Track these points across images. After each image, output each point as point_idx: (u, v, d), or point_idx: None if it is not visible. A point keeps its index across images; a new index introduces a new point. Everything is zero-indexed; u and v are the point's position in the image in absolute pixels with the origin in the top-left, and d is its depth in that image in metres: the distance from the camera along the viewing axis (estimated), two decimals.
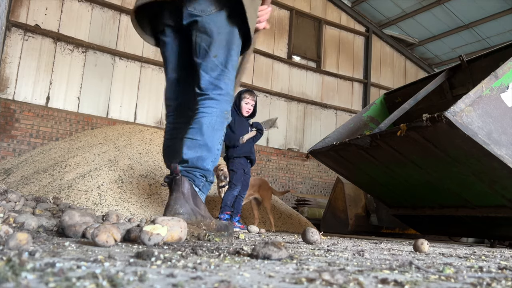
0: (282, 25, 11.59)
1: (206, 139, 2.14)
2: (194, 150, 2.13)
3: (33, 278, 0.69)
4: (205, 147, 2.14)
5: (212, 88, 2.18)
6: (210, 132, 2.15)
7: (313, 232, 2.17)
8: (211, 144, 2.16)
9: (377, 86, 12.74)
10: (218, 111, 2.18)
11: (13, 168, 6.22)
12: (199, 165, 2.13)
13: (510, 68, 3.33)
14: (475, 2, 10.77)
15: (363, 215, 6.51)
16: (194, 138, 2.14)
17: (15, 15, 8.27)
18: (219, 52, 2.19)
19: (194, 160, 2.12)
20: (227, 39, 2.21)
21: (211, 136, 2.15)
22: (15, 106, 8.10)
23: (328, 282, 0.82)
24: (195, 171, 2.13)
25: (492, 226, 4.13)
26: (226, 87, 2.21)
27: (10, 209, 2.74)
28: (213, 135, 2.16)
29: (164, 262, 1.00)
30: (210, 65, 2.18)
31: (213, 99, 2.18)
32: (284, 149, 11.14)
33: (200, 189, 2.16)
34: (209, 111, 2.16)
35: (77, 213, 1.67)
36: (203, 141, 2.14)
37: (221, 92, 2.19)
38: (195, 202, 2.10)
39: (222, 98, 2.19)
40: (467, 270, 1.24)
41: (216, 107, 2.17)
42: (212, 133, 2.15)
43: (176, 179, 2.10)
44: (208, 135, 2.14)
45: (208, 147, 2.15)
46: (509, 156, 3.22)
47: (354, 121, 5.19)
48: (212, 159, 2.17)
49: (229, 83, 2.23)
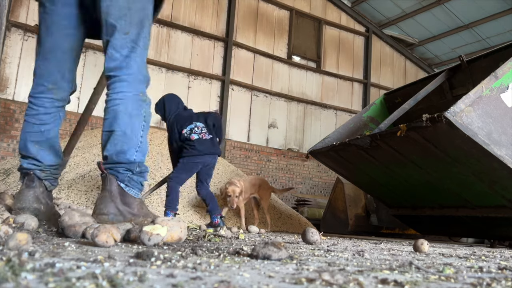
0: (282, 25, 11.60)
1: (125, 128, 1.96)
2: (113, 144, 1.96)
3: (33, 278, 0.69)
4: (124, 138, 1.96)
5: (121, 68, 1.99)
6: (128, 120, 1.96)
7: (313, 232, 2.17)
8: (130, 133, 1.97)
9: (377, 86, 12.74)
10: (132, 95, 1.99)
11: (13, 168, 6.22)
12: (121, 159, 1.96)
13: (510, 69, 3.33)
14: (475, 2, 10.77)
15: (363, 215, 6.51)
16: (111, 130, 1.96)
17: (15, 15, 8.27)
18: (130, 29, 2.00)
19: (113, 156, 1.96)
20: (140, 16, 2.03)
21: (129, 124, 1.97)
22: (15, 106, 8.10)
23: (328, 282, 0.82)
24: (117, 167, 1.97)
25: (492, 226, 4.13)
26: (138, 67, 2.02)
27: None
28: (131, 123, 1.98)
29: (164, 262, 1.00)
30: (120, 42, 1.98)
31: (124, 81, 1.98)
32: (284, 149, 11.14)
33: (126, 184, 1.99)
34: (122, 96, 1.97)
35: (77, 213, 1.67)
36: (121, 131, 1.96)
37: (132, 71, 2.00)
38: (124, 200, 1.96)
39: (134, 79, 2.01)
40: (467, 270, 1.24)
41: (129, 90, 1.98)
42: (130, 120, 1.97)
43: (102, 177, 1.99)
44: (126, 124, 1.96)
45: (128, 137, 1.97)
46: (509, 156, 3.22)
47: (354, 121, 5.19)
48: (135, 148, 1.99)
49: (141, 63, 2.04)
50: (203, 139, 4.25)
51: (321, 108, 11.87)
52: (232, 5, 10.76)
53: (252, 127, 10.72)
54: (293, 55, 11.64)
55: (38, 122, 2.20)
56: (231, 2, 10.77)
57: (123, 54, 1.99)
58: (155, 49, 9.73)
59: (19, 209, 2.06)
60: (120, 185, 1.97)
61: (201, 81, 10.24)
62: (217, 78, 10.41)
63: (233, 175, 6.93)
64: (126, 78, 1.99)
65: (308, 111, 11.69)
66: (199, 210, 5.41)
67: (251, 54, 11.03)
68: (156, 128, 8.44)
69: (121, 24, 1.98)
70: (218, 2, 10.72)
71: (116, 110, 1.96)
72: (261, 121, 10.85)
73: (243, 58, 10.89)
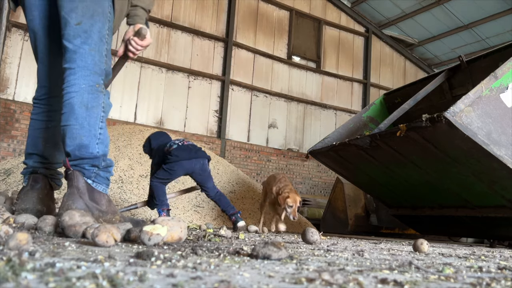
0: (282, 26, 11.60)
1: (82, 121, 1.91)
2: (72, 138, 1.92)
3: (33, 278, 0.69)
4: (82, 130, 1.91)
5: (75, 59, 1.95)
6: (84, 112, 1.92)
7: (313, 232, 2.17)
8: (88, 126, 1.93)
9: (376, 87, 12.75)
10: (87, 87, 1.94)
11: (13, 168, 6.22)
12: (83, 154, 1.92)
13: (509, 69, 3.33)
14: (475, 3, 10.78)
15: (363, 215, 6.51)
16: (68, 124, 1.92)
17: (15, 15, 8.27)
18: (83, 20, 1.96)
19: (75, 151, 1.92)
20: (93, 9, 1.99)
21: (86, 117, 1.92)
22: (15, 106, 8.10)
23: (328, 282, 0.82)
24: (82, 163, 1.93)
25: (492, 226, 4.13)
26: (92, 58, 1.97)
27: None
28: (89, 115, 1.93)
29: (164, 262, 1.00)
30: (72, 32, 1.95)
31: (78, 73, 1.94)
32: (284, 149, 11.14)
33: (93, 180, 1.95)
34: (76, 89, 1.92)
35: (77, 213, 1.67)
36: (78, 125, 1.91)
37: (85, 63, 1.95)
38: (92, 196, 1.93)
39: (89, 71, 1.95)
40: (467, 270, 1.24)
41: (83, 82, 1.93)
42: (87, 113, 1.92)
43: (68, 174, 1.94)
44: (83, 117, 1.91)
45: (86, 130, 1.92)
46: (509, 156, 3.22)
47: (354, 121, 5.19)
48: (95, 141, 1.94)
49: (98, 56, 1.99)
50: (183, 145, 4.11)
51: (321, 108, 11.88)
52: (232, 5, 10.76)
53: (252, 127, 10.73)
54: (293, 55, 11.64)
55: (45, 118, 2.22)
56: (231, 2, 10.77)
57: (76, 44, 1.95)
58: (155, 49, 9.74)
59: (23, 210, 2.06)
60: (87, 181, 1.94)
61: (201, 81, 10.24)
62: (217, 78, 10.41)
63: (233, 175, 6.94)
64: (79, 71, 1.95)
65: (308, 111, 11.69)
66: (199, 210, 5.41)
67: (251, 54, 11.04)
68: (156, 128, 8.44)
69: (71, 17, 1.95)
70: (218, 2, 10.72)
71: (72, 103, 1.92)
72: (261, 121, 10.86)
73: (243, 58, 10.89)
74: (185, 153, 4.06)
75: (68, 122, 1.92)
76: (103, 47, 2.03)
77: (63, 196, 1.95)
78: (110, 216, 1.93)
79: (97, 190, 1.97)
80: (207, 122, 10.11)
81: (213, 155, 7.95)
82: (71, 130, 1.91)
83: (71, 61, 1.95)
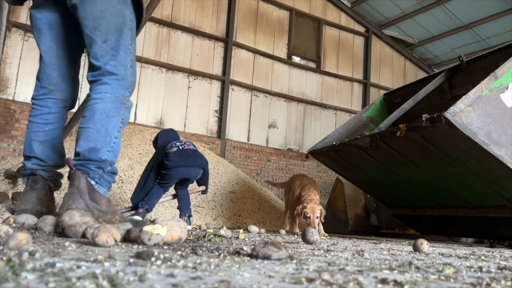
0: (282, 26, 11.60)
1: (100, 127, 1.98)
2: (86, 140, 1.97)
3: (33, 278, 0.69)
4: (98, 135, 1.97)
5: (103, 74, 2.01)
6: (104, 119, 1.98)
7: (313, 232, 2.17)
8: (105, 132, 1.99)
9: (376, 87, 12.75)
10: (113, 97, 2.01)
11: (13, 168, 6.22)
12: (93, 156, 1.97)
13: (509, 69, 3.33)
14: (475, 3, 10.77)
15: (363, 215, 6.51)
16: (86, 126, 1.98)
17: (15, 15, 8.27)
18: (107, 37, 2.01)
19: (86, 152, 1.97)
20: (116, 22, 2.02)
21: (105, 123, 1.98)
22: (15, 106, 8.10)
23: (328, 282, 0.82)
24: (88, 164, 1.98)
25: (492, 226, 4.13)
26: (121, 72, 2.03)
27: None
28: (107, 122, 1.99)
29: (164, 262, 1.00)
30: (99, 51, 2.01)
31: (106, 84, 2.01)
32: (284, 149, 11.14)
33: (96, 181, 2.00)
34: (102, 96, 1.99)
35: (77, 213, 1.67)
36: (96, 129, 1.97)
37: (116, 77, 2.02)
38: (92, 196, 1.97)
39: (117, 83, 2.02)
40: (467, 270, 1.24)
41: (110, 92, 2.00)
42: (106, 120, 1.99)
43: (71, 173, 1.99)
44: (102, 123, 1.98)
45: (103, 136, 1.98)
46: (509, 156, 3.22)
47: (354, 121, 5.19)
48: (108, 148, 2.00)
49: (123, 68, 2.05)
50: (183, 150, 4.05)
51: (321, 108, 11.88)
52: (232, 5, 10.76)
53: (252, 127, 10.72)
54: (293, 55, 11.64)
55: (42, 121, 2.24)
56: (231, 2, 10.77)
57: (103, 61, 2.01)
58: (155, 49, 9.74)
59: (22, 210, 2.08)
60: (90, 181, 1.98)
61: (201, 81, 10.23)
62: (217, 78, 10.41)
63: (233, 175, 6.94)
64: (108, 81, 2.02)
65: (308, 111, 11.69)
66: (199, 210, 5.41)
67: (251, 54, 11.03)
68: (156, 128, 8.44)
69: (97, 35, 2.00)
70: (218, 2, 10.72)
71: (94, 109, 1.98)
72: (261, 121, 10.85)
73: (243, 58, 10.89)
74: (182, 160, 4.01)
75: (87, 125, 1.98)
76: (128, 58, 2.09)
77: (63, 196, 1.97)
78: (110, 216, 1.94)
79: (97, 191, 2.00)
80: (207, 122, 10.11)
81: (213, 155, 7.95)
82: (88, 132, 1.97)
83: (99, 76, 2.02)
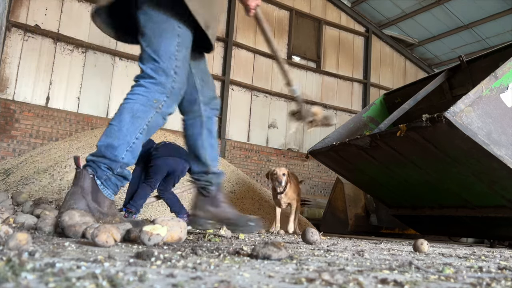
0: (282, 26, 11.60)
1: (122, 125, 1.96)
2: (107, 136, 1.96)
3: (33, 278, 0.69)
4: (118, 133, 1.96)
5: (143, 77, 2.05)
6: (129, 118, 1.97)
7: (313, 232, 2.17)
8: (126, 131, 1.96)
9: (376, 87, 12.74)
10: (145, 99, 2.01)
11: (13, 168, 6.22)
12: (107, 153, 1.94)
13: (509, 69, 3.33)
14: (475, 3, 10.77)
15: (363, 215, 6.51)
16: (112, 123, 1.99)
17: (15, 15, 8.27)
18: (151, 42, 2.06)
19: (103, 148, 1.94)
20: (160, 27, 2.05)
21: (128, 122, 1.97)
22: (15, 106, 8.10)
23: (328, 282, 0.82)
24: (100, 161, 1.95)
25: (492, 226, 4.13)
26: (160, 77, 2.04)
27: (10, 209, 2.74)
28: (131, 122, 1.98)
29: (164, 262, 1.00)
30: (144, 55, 2.06)
31: (143, 86, 2.03)
32: (284, 149, 11.14)
33: (102, 182, 1.96)
34: (135, 97, 2.01)
35: (77, 213, 1.67)
36: (118, 127, 1.96)
37: (154, 81, 2.04)
38: (95, 197, 1.93)
39: (154, 88, 2.03)
40: (467, 270, 1.24)
41: (144, 94, 2.02)
42: (131, 119, 1.98)
43: (77, 172, 1.96)
44: (126, 121, 1.97)
45: (122, 134, 1.96)
46: (509, 156, 3.22)
47: (354, 121, 5.20)
48: (126, 148, 1.97)
49: (164, 74, 2.05)
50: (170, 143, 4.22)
51: (321, 108, 11.87)
52: (232, 5, 10.76)
53: (252, 127, 10.72)
54: (293, 55, 11.64)
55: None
56: (231, 2, 10.77)
57: (146, 65, 2.06)
58: None
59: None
60: (96, 181, 1.94)
61: None
62: (217, 78, 10.41)
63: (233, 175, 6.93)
64: (145, 84, 2.04)
65: None
66: None
67: (251, 54, 11.03)
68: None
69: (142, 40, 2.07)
70: None
71: (123, 107, 2.00)
72: (261, 121, 10.85)
73: (243, 58, 10.89)
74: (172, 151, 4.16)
75: (112, 122, 2.00)
76: (172, 65, 2.07)
77: (65, 195, 1.94)
78: (110, 218, 1.93)
79: (102, 192, 1.96)
80: None
81: None
82: (110, 129, 1.98)
83: (139, 78, 2.06)
